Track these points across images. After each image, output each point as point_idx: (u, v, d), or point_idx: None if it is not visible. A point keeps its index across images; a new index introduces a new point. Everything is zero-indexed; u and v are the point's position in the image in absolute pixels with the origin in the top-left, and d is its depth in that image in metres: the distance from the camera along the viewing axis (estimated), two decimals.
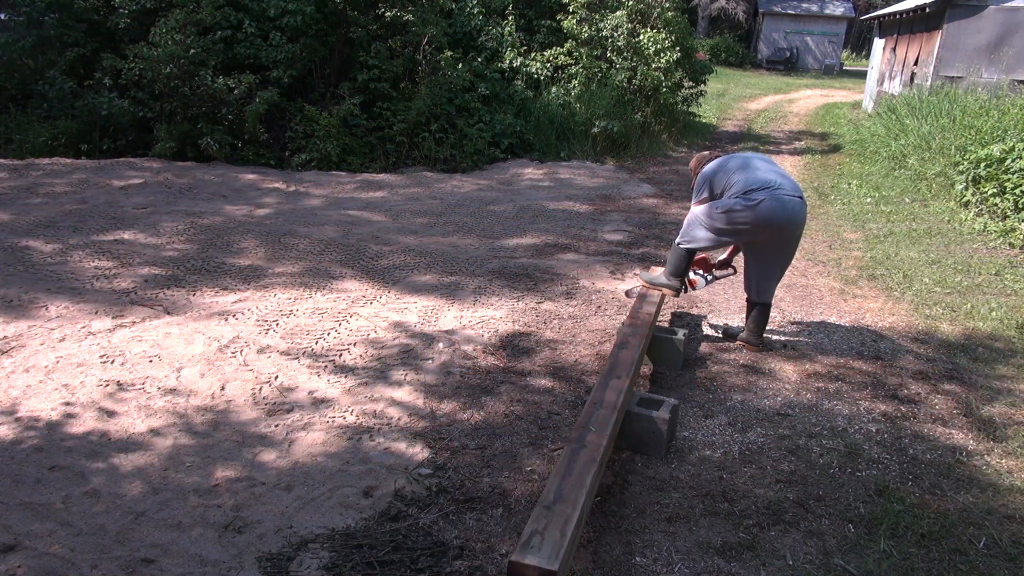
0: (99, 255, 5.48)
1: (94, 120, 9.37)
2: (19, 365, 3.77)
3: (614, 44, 12.11)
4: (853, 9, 33.69)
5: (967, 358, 4.46)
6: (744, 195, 3.99)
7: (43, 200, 6.87)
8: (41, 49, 9.91)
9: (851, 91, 24.10)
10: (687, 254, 4.31)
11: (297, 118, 9.86)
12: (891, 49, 16.55)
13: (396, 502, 2.87)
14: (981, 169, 7.99)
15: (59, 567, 2.44)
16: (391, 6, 10.54)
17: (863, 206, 8.50)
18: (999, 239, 7.00)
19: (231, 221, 6.61)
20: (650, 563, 2.63)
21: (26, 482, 2.86)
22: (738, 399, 3.85)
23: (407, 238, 6.47)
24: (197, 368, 3.85)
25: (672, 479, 3.13)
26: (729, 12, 34.88)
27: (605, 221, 7.49)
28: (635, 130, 11.54)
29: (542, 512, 2.29)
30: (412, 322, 4.61)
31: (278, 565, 2.51)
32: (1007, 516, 2.95)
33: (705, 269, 4.65)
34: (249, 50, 9.96)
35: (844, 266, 6.26)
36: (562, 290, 5.36)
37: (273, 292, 4.99)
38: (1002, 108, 9.60)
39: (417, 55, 10.71)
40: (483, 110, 10.81)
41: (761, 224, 4.00)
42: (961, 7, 12.93)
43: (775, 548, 2.72)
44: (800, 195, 4.06)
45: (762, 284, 4.32)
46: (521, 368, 4.09)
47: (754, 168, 4.10)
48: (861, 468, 3.25)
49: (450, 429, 3.43)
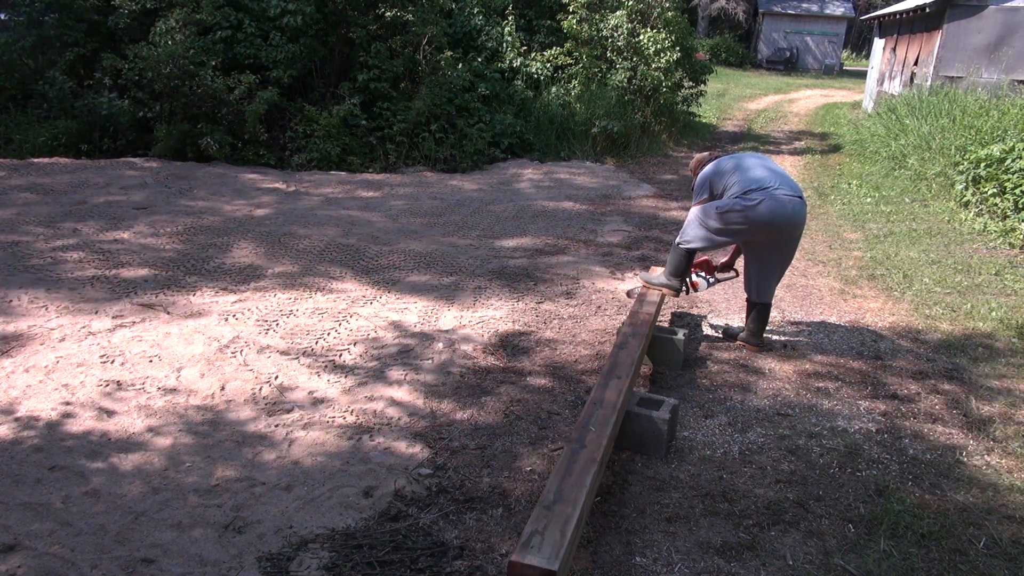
0: (99, 255, 5.48)
1: (94, 120, 9.37)
2: (19, 365, 3.77)
3: (614, 44, 12.12)
4: (853, 9, 33.70)
5: (967, 358, 4.46)
6: (743, 195, 3.99)
7: (43, 200, 6.87)
8: (41, 49, 9.91)
9: (851, 91, 24.10)
10: (687, 254, 4.31)
11: (297, 118, 9.86)
12: (891, 49, 16.56)
13: (396, 502, 2.88)
14: (981, 169, 7.99)
15: (59, 567, 2.44)
16: (391, 6, 10.53)
17: (863, 206, 8.50)
18: (999, 239, 7.00)
19: (231, 221, 6.61)
20: (650, 563, 2.63)
21: (26, 482, 2.86)
22: (738, 399, 3.85)
23: (407, 238, 6.47)
24: (197, 368, 3.85)
25: (672, 479, 3.13)
26: (729, 12, 34.88)
27: (605, 221, 7.49)
28: (635, 130, 11.54)
29: (542, 512, 2.29)
30: (412, 322, 4.62)
31: (278, 565, 2.51)
32: (1007, 516, 2.95)
33: (707, 272, 4.66)
34: (249, 50, 9.96)
35: (844, 266, 6.26)
36: (562, 290, 5.36)
37: (273, 292, 4.99)
38: (1002, 108, 9.60)
39: (417, 55, 10.71)
40: (483, 110, 10.81)
41: (760, 224, 4.00)
42: (961, 7, 12.93)
43: (775, 548, 2.72)
44: (800, 195, 4.06)
45: (762, 284, 4.32)
46: (521, 368, 4.09)
47: (753, 168, 4.10)
48: (861, 468, 3.25)
49: (450, 429, 3.43)
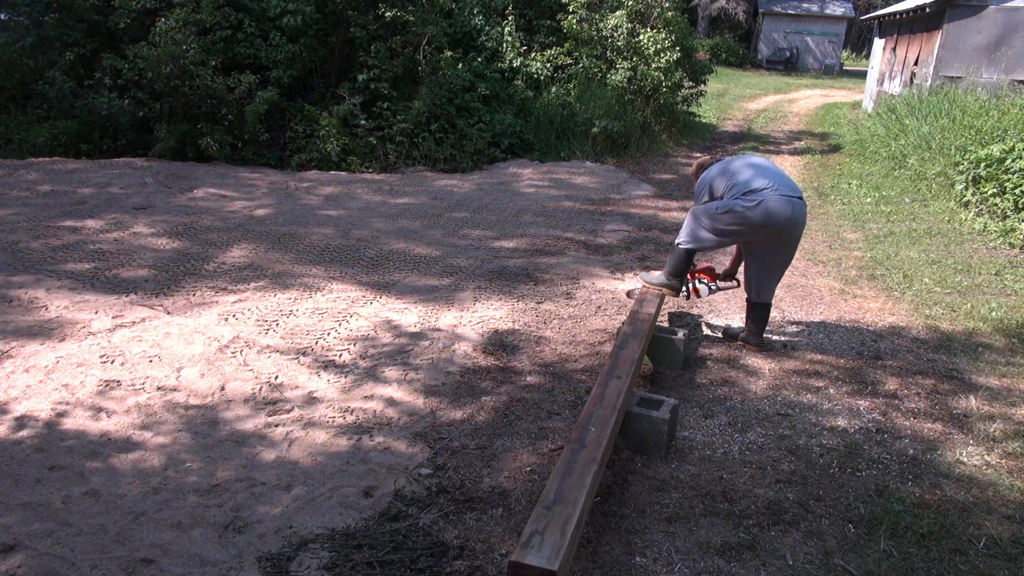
0: (99, 255, 5.48)
1: (94, 120, 9.37)
2: (19, 365, 3.77)
3: (614, 44, 12.12)
4: (853, 9, 33.70)
5: (967, 358, 4.45)
6: (744, 195, 3.99)
7: (43, 200, 6.87)
8: (41, 49, 9.91)
9: (851, 91, 24.10)
10: (686, 254, 4.32)
11: (297, 118, 9.86)
12: (891, 49, 16.56)
13: (396, 502, 2.87)
14: (981, 169, 7.99)
15: (59, 567, 2.44)
16: (391, 6, 10.53)
17: (863, 206, 8.50)
18: (999, 239, 7.00)
19: (231, 221, 6.61)
20: (650, 563, 2.63)
21: (26, 482, 2.86)
22: (738, 399, 3.85)
23: (407, 238, 6.47)
24: (197, 368, 3.85)
25: (672, 479, 3.13)
26: (729, 12, 34.88)
27: (605, 221, 7.49)
28: (635, 130, 11.54)
29: (542, 512, 2.29)
30: (412, 322, 4.61)
31: (278, 565, 2.51)
32: (1007, 516, 2.95)
33: (710, 279, 4.66)
34: (249, 50, 9.96)
35: (844, 266, 6.26)
36: (562, 290, 5.36)
37: (273, 292, 4.99)
38: (1002, 108, 9.60)
39: (417, 55, 10.71)
40: (483, 110, 10.81)
41: (760, 224, 4.00)
42: (961, 7, 12.93)
43: (775, 548, 2.72)
44: (799, 195, 4.06)
45: (762, 284, 4.32)
46: (521, 368, 4.09)
47: (753, 169, 4.11)
48: (861, 468, 3.25)
49: (450, 429, 3.43)
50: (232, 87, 9.38)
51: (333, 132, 9.63)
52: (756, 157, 4.33)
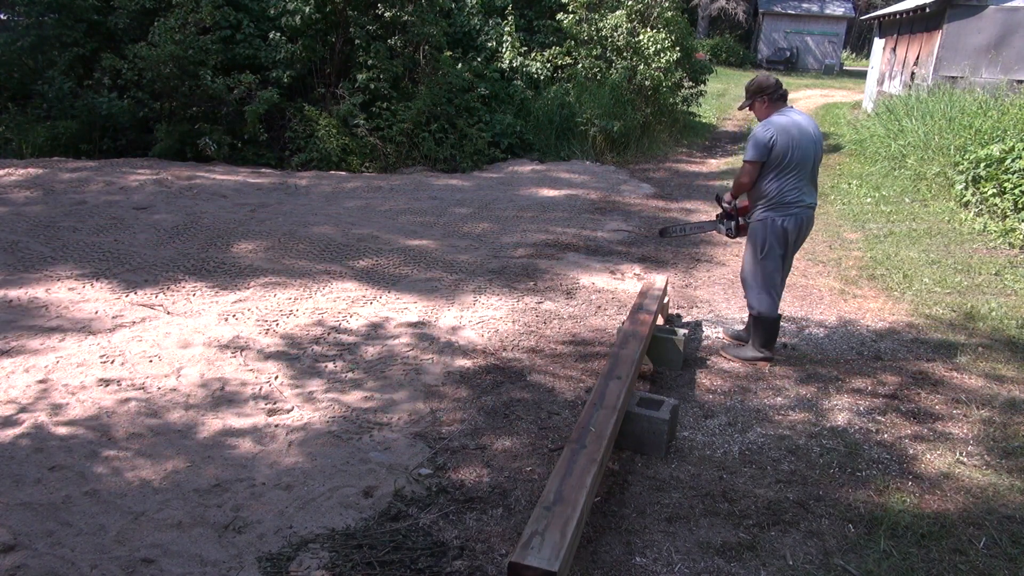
0: (99, 255, 5.47)
1: (94, 120, 9.37)
2: (19, 365, 3.77)
3: (614, 44, 12.12)
4: (853, 9, 33.69)
5: (967, 358, 4.45)
6: (785, 206, 4.03)
7: (42, 200, 6.87)
8: (41, 49, 9.91)
9: (851, 91, 24.10)
10: (773, 322, 4.21)
11: (297, 118, 9.87)
12: (891, 49, 16.56)
13: (396, 502, 2.87)
14: (981, 169, 7.98)
15: (59, 567, 2.43)
16: (391, 6, 10.54)
17: (863, 206, 8.50)
18: (999, 239, 7.00)
19: (231, 221, 6.60)
20: (650, 563, 2.63)
21: (26, 482, 2.86)
22: (738, 399, 3.85)
23: (407, 238, 6.47)
24: (197, 368, 3.85)
25: (672, 479, 3.13)
26: (729, 12, 34.87)
27: (605, 221, 7.49)
28: (635, 130, 11.55)
29: (542, 513, 2.29)
30: (412, 322, 4.61)
31: (278, 565, 2.51)
32: (1007, 516, 2.95)
33: (742, 214, 4.49)
34: (248, 50, 9.96)
35: (844, 266, 6.26)
36: (562, 290, 5.36)
37: (273, 292, 4.99)
38: (1001, 108, 9.60)
39: (417, 55, 10.71)
40: (483, 110, 10.81)
41: (788, 237, 4.11)
42: (961, 7, 12.93)
43: (775, 548, 2.72)
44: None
45: (762, 294, 4.29)
46: (521, 368, 4.09)
47: (804, 167, 4.00)
48: (861, 468, 3.25)
49: (450, 429, 3.43)
50: (232, 87, 9.39)
51: (333, 132, 9.64)
52: (806, 137, 4.01)
